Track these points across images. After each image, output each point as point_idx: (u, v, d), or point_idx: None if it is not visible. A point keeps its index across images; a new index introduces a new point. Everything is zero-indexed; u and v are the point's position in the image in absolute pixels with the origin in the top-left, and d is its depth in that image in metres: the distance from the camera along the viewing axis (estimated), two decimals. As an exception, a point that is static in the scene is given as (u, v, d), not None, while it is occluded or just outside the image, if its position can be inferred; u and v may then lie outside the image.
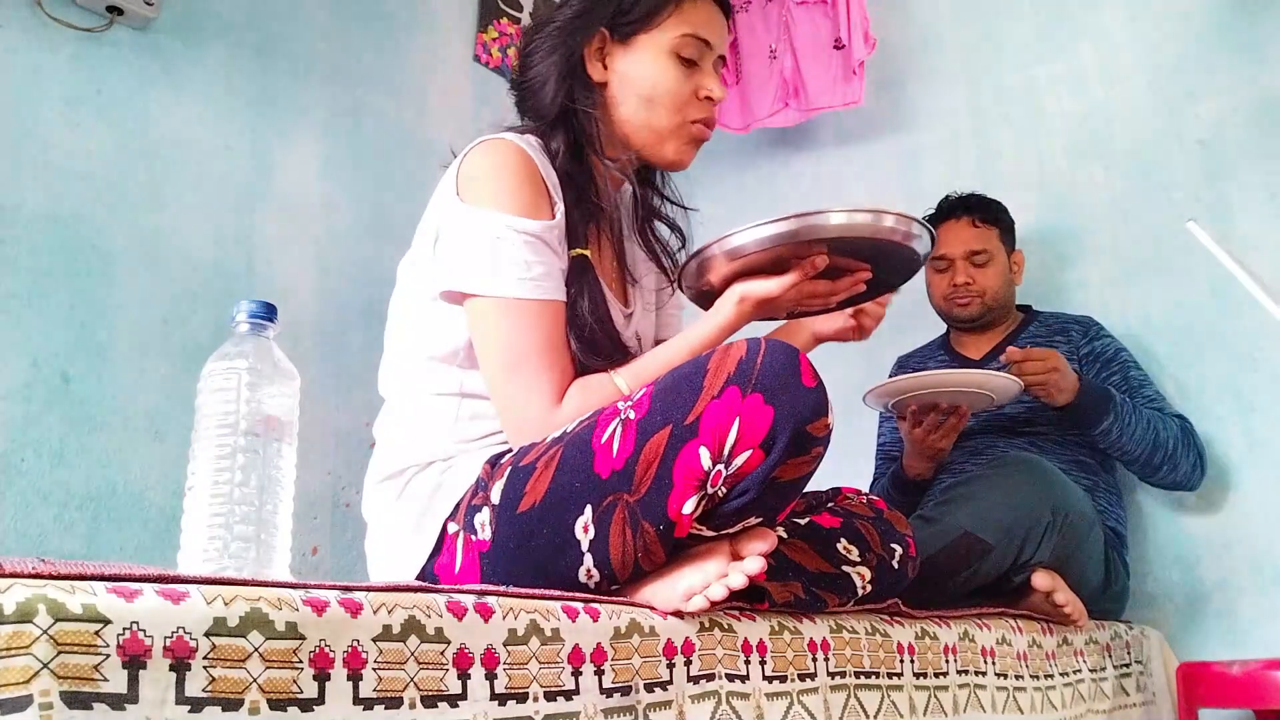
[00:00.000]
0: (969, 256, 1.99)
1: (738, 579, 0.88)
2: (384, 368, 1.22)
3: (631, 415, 0.90)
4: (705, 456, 0.86)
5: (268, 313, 0.82)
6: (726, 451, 0.85)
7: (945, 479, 1.84)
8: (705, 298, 1.15)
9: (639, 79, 1.20)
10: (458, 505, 1.06)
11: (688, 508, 0.86)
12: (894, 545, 1.17)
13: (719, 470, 0.86)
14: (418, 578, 1.08)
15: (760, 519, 0.92)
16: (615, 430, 0.90)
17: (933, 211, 2.05)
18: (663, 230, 1.35)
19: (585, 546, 0.90)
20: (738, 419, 0.85)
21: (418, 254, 1.18)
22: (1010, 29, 2.38)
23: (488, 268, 1.08)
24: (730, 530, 0.92)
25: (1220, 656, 1.75)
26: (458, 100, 2.43)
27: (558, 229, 1.13)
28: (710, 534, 0.91)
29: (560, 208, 1.14)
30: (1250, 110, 2.01)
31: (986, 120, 2.38)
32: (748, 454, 0.85)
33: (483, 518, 1.00)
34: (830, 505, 1.19)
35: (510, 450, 1.07)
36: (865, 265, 1.10)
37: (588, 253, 1.17)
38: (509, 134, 1.17)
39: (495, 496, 0.99)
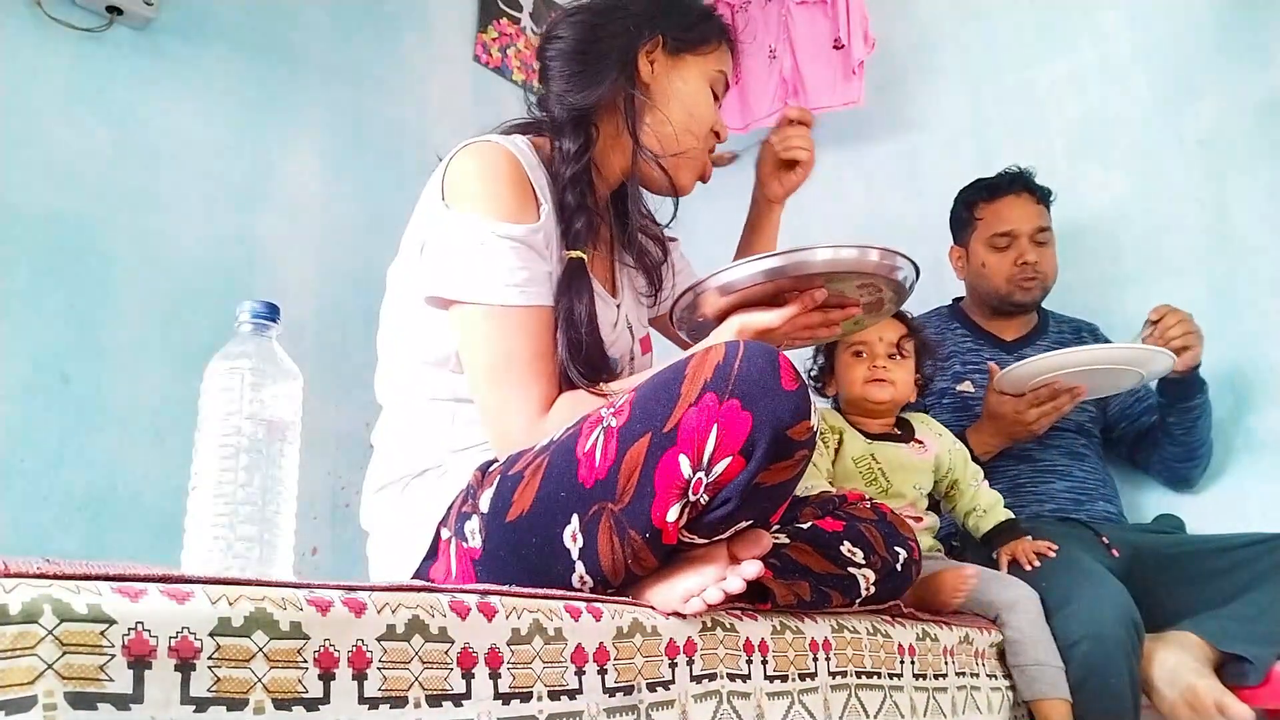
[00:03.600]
0: (1035, 234, 1.90)
1: (734, 584, 0.87)
2: (379, 375, 1.21)
3: (613, 423, 0.89)
4: (685, 464, 0.84)
5: (271, 313, 0.82)
6: (706, 459, 0.83)
7: None
8: (701, 330, 1.15)
9: (682, 95, 1.24)
10: (449, 511, 1.06)
11: (671, 515, 0.85)
12: (897, 549, 1.17)
13: (699, 478, 0.84)
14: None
15: (751, 523, 0.91)
16: (598, 439, 0.89)
17: (985, 187, 1.98)
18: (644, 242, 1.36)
19: (575, 555, 0.89)
20: (715, 426, 0.82)
21: (406, 259, 1.16)
22: (1010, 29, 2.38)
23: (473, 274, 1.07)
24: (722, 536, 0.90)
25: (1220, 656, 1.75)
26: (458, 100, 2.43)
27: (543, 231, 1.11)
28: (702, 541, 0.90)
29: (546, 209, 1.13)
30: (1250, 110, 2.01)
31: (986, 120, 2.38)
32: (728, 461, 0.83)
33: (472, 525, 0.99)
34: (834, 510, 1.19)
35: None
36: (855, 301, 1.12)
37: (584, 256, 1.15)
38: (494, 136, 1.16)
39: (484, 505, 0.98)
